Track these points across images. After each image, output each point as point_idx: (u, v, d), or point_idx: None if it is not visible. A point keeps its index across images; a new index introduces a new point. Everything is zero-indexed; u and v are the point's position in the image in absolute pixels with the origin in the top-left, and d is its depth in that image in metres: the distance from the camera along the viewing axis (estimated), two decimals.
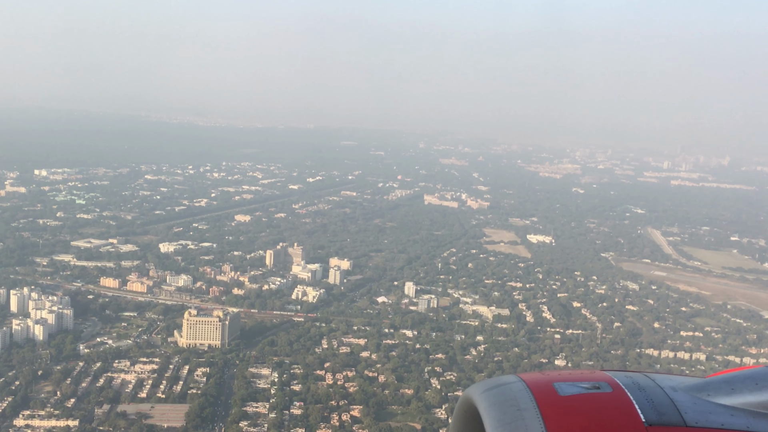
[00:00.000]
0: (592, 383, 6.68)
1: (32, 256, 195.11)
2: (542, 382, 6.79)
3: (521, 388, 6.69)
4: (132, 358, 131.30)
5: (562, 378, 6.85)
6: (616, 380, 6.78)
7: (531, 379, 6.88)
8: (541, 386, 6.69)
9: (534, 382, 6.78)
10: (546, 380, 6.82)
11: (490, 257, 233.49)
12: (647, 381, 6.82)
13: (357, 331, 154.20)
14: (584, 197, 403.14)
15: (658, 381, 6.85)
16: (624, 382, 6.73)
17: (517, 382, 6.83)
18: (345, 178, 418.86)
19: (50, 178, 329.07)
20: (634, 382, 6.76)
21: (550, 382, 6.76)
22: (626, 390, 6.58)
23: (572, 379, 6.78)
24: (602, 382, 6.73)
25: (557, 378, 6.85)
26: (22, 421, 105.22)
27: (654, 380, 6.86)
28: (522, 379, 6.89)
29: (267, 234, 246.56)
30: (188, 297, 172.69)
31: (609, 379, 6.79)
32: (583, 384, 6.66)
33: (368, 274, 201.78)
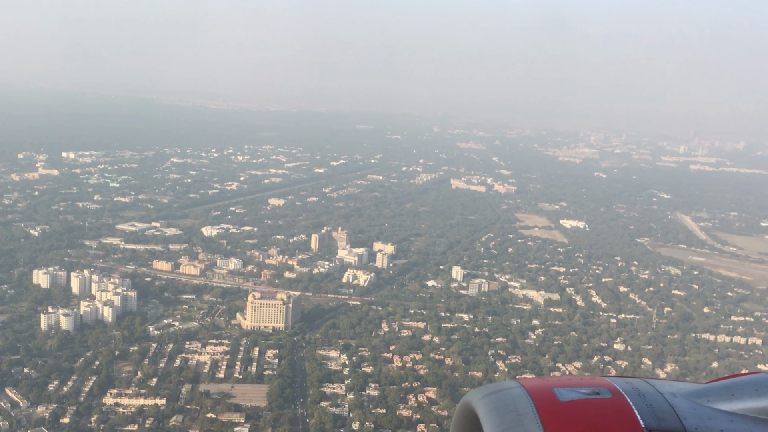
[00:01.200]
0: (592, 389, 6.67)
1: (80, 239, 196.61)
2: (542, 388, 6.77)
3: (521, 393, 6.69)
4: (202, 340, 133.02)
5: (562, 383, 6.83)
6: (616, 386, 6.77)
7: (530, 384, 6.88)
8: (540, 391, 6.67)
9: (533, 388, 6.77)
10: (545, 385, 6.80)
11: (528, 242, 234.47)
12: (647, 387, 6.83)
13: (414, 314, 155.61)
14: (607, 182, 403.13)
15: (658, 387, 6.86)
16: (623, 388, 6.72)
17: (517, 387, 6.83)
18: (368, 161, 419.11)
19: (79, 160, 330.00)
20: (633, 387, 6.76)
21: (550, 387, 6.74)
22: (626, 396, 6.58)
23: (572, 385, 6.77)
24: (602, 387, 6.72)
25: (557, 383, 6.83)
26: (110, 400, 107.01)
27: (653, 386, 6.87)
28: (521, 384, 6.89)
29: (304, 218, 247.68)
30: (241, 280, 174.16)
31: (608, 385, 6.79)
32: (582, 389, 6.65)
33: (413, 258, 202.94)
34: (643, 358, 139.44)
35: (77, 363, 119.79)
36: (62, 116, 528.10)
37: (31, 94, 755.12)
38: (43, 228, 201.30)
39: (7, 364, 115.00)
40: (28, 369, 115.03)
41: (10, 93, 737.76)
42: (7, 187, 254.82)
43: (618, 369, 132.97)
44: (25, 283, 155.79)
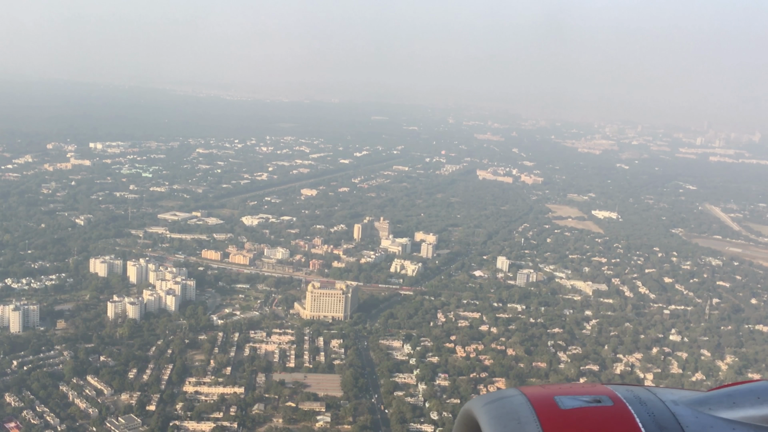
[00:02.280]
0: (594, 397, 6.64)
1: (125, 228, 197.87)
2: (543, 396, 6.74)
3: (522, 401, 6.66)
4: (265, 329, 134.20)
5: (563, 391, 6.79)
6: (617, 394, 6.74)
7: (532, 392, 6.85)
8: (541, 399, 6.65)
9: (535, 396, 6.75)
10: (547, 393, 6.78)
11: (565, 232, 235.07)
12: (648, 395, 6.80)
13: (467, 304, 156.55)
14: (631, 173, 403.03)
15: (660, 395, 6.83)
16: (625, 396, 6.68)
17: (518, 395, 6.80)
18: (390, 152, 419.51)
19: (108, 151, 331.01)
20: (635, 395, 6.72)
21: (551, 395, 6.70)
22: (627, 404, 6.55)
23: (573, 393, 6.73)
24: (603, 395, 6.69)
25: (558, 391, 6.79)
26: (190, 388, 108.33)
27: (655, 394, 6.84)
28: (523, 392, 6.86)
29: (339, 208, 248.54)
30: (290, 269, 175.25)
31: (610, 393, 6.75)
32: (584, 397, 6.62)
33: (455, 248, 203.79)
34: (702, 349, 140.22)
35: (150, 351, 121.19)
36: (82, 107, 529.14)
37: (46, 85, 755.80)
38: (87, 217, 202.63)
39: (84, 352, 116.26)
40: (104, 357, 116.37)
41: (24, 84, 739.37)
42: (45, 177, 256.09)
43: (679, 361, 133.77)
44: (83, 272, 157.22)
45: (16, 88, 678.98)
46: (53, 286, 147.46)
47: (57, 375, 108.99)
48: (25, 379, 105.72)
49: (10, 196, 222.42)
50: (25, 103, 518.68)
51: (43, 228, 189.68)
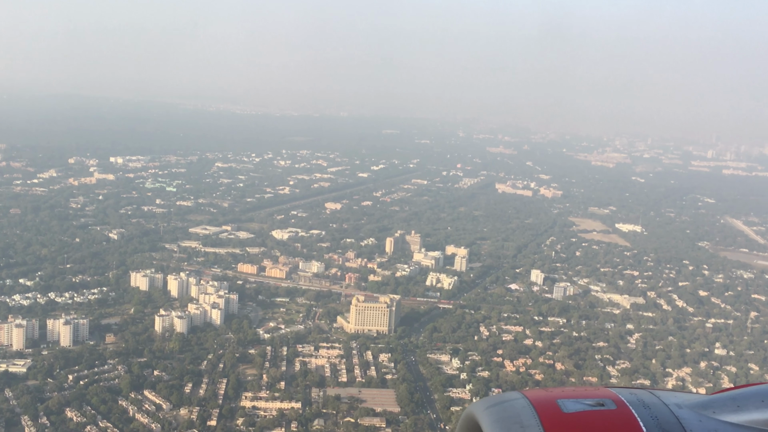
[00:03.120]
0: (596, 400, 6.61)
1: (159, 242, 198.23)
2: (546, 399, 6.69)
3: (524, 404, 6.61)
4: (312, 343, 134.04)
5: (566, 395, 6.75)
6: (621, 397, 6.70)
7: (534, 395, 6.81)
8: (544, 403, 6.60)
9: (537, 399, 6.70)
10: (549, 397, 6.73)
11: (593, 246, 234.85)
12: (652, 398, 6.74)
13: (508, 318, 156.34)
14: (647, 186, 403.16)
15: (663, 398, 6.77)
16: (628, 399, 6.65)
17: (521, 398, 6.75)
18: (406, 166, 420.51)
19: (129, 165, 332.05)
20: (638, 399, 6.67)
21: (554, 398, 6.66)
22: (630, 407, 6.51)
23: (576, 396, 6.69)
24: (606, 399, 6.65)
25: (561, 395, 6.75)
26: (248, 403, 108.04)
27: (659, 397, 6.79)
28: (525, 395, 6.81)
29: (366, 222, 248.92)
30: (327, 283, 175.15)
31: (613, 396, 6.72)
32: (587, 401, 6.57)
33: (487, 261, 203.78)
34: (749, 363, 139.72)
35: (202, 365, 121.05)
36: (96, 121, 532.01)
37: (53, 99, 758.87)
38: (120, 231, 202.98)
39: (137, 366, 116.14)
40: (158, 371, 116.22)
41: (32, 98, 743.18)
42: (72, 192, 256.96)
43: (729, 375, 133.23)
44: (123, 286, 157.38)
45: (25, 102, 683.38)
46: (96, 300, 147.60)
47: (115, 389, 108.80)
48: (84, 394, 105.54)
49: (41, 210, 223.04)
50: (38, 118, 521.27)
51: (77, 242, 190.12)
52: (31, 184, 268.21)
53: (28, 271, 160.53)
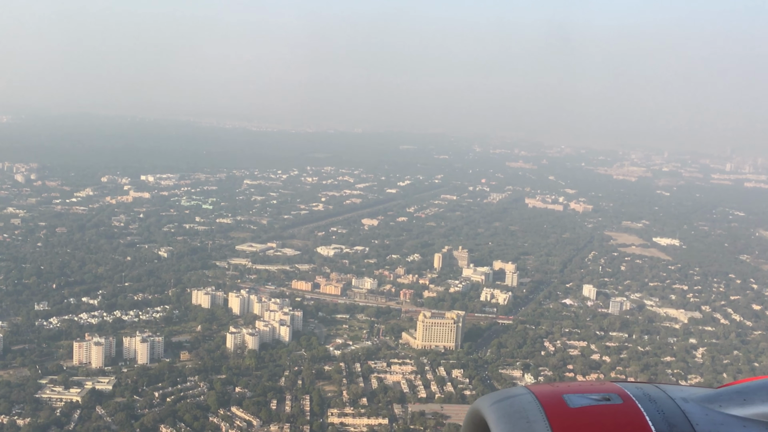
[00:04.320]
0: (603, 395, 6.59)
1: (208, 259, 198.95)
2: (552, 394, 6.69)
3: (530, 400, 6.61)
4: (383, 359, 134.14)
5: (572, 389, 6.75)
6: (627, 392, 6.69)
7: (540, 390, 6.82)
8: (550, 398, 6.60)
9: (543, 394, 6.70)
10: (555, 392, 6.74)
11: (636, 260, 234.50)
12: (658, 392, 6.74)
13: (570, 333, 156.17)
14: (674, 200, 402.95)
15: (669, 392, 6.77)
16: (634, 394, 6.63)
17: (527, 394, 6.75)
18: (432, 182, 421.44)
19: (161, 183, 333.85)
20: (644, 393, 6.67)
21: (560, 393, 6.67)
22: (637, 401, 6.49)
23: (582, 391, 6.69)
24: (612, 393, 6.64)
25: (567, 390, 6.76)
26: (335, 419, 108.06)
27: (665, 391, 6.78)
28: (531, 390, 6.82)
29: (406, 237, 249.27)
30: (383, 299, 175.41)
31: (619, 391, 6.71)
32: (593, 396, 6.56)
33: (536, 276, 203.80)
34: None
35: (280, 382, 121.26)
36: (118, 140, 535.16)
37: (71, 118, 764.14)
38: (168, 249, 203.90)
39: (219, 383, 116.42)
40: (239, 388, 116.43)
41: (49, 118, 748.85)
42: (114, 210, 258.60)
43: None
44: (185, 304, 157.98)
45: (43, 121, 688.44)
46: (162, 318, 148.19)
47: (203, 406, 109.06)
48: (175, 411, 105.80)
49: (86, 229, 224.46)
50: (60, 137, 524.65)
51: (129, 261, 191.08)
52: (70, 203, 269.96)
53: (89, 290, 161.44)
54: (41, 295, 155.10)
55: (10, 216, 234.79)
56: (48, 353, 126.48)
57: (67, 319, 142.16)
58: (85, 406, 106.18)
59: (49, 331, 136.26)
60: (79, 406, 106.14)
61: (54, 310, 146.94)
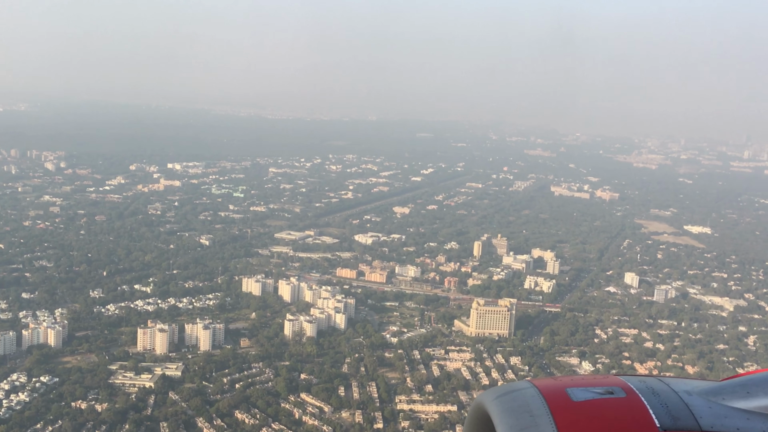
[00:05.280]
0: (606, 388, 6.61)
1: (250, 247, 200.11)
2: (555, 388, 6.70)
3: (534, 394, 6.62)
4: (440, 347, 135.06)
5: (575, 383, 6.77)
6: (630, 385, 6.70)
7: (544, 384, 6.82)
8: (553, 392, 6.61)
9: (547, 388, 6.71)
10: (559, 386, 6.75)
11: (671, 248, 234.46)
12: (661, 385, 6.73)
13: (619, 321, 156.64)
14: (698, 188, 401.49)
15: (673, 385, 6.76)
16: (638, 387, 6.65)
17: (530, 388, 6.76)
18: (454, 170, 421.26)
19: (189, 171, 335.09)
20: (648, 386, 6.66)
21: (563, 387, 6.67)
22: (640, 395, 6.50)
23: (585, 385, 6.70)
24: (616, 387, 6.66)
25: (570, 383, 6.77)
26: (404, 406, 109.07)
27: (668, 384, 6.78)
28: (534, 384, 6.83)
29: (440, 225, 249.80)
30: (428, 287, 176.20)
31: (623, 384, 6.72)
32: (596, 389, 6.58)
33: (575, 264, 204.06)
34: None
35: (342, 368, 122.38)
36: (138, 128, 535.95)
37: (87, 107, 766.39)
38: (209, 237, 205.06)
39: (285, 370, 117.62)
40: (305, 374, 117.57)
41: (66, 106, 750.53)
42: (150, 198, 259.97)
43: None
44: (236, 291, 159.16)
45: (60, 110, 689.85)
46: (216, 305, 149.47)
47: (273, 392, 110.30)
48: (248, 397, 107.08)
49: (125, 217, 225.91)
50: (80, 125, 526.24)
51: (172, 249, 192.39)
52: (103, 191, 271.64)
53: (140, 278, 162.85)
54: (94, 283, 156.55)
55: (48, 204, 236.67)
56: (111, 340, 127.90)
57: (123, 306, 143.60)
58: (158, 391, 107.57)
59: (109, 317, 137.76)
60: (153, 391, 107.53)
61: (109, 297, 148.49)
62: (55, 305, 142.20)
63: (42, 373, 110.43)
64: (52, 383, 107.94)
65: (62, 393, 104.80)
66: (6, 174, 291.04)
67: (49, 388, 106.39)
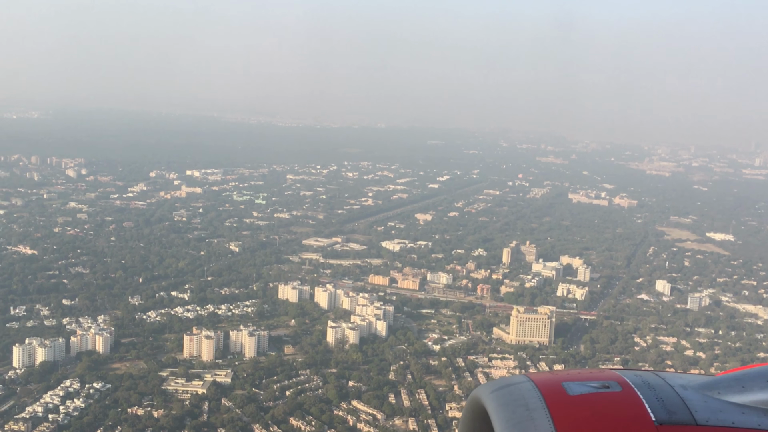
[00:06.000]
0: (602, 382, 6.67)
1: (280, 254, 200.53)
2: (551, 382, 6.75)
3: (530, 388, 6.66)
4: (483, 354, 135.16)
5: (571, 377, 6.82)
6: (626, 379, 6.76)
7: (540, 378, 6.87)
8: (550, 386, 6.67)
9: (543, 382, 6.76)
10: (555, 380, 6.80)
11: (696, 255, 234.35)
12: (657, 380, 6.78)
13: (655, 329, 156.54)
14: (714, 195, 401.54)
15: (668, 380, 6.81)
16: (634, 381, 6.70)
17: (526, 382, 6.81)
18: (470, 177, 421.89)
19: (209, 178, 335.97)
20: (643, 380, 6.72)
21: (559, 381, 6.73)
22: (636, 389, 6.55)
23: (581, 379, 6.76)
24: (612, 381, 6.72)
25: (566, 377, 6.82)
26: (456, 413, 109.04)
27: (664, 379, 6.82)
28: (531, 378, 6.87)
29: (464, 232, 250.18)
30: (462, 294, 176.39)
31: (618, 378, 6.78)
32: (592, 383, 6.64)
33: (604, 272, 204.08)
34: None
35: (388, 376, 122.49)
36: (152, 135, 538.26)
37: (98, 114, 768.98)
38: (238, 244, 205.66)
39: (333, 377, 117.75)
40: (353, 382, 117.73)
41: (77, 113, 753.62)
42: (175, 205, 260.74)
43: None
44: (272, 298, 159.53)
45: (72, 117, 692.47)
46: (254, 312, 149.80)
47: (324, 399, 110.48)
48: (301, 404, 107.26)
49: (152, 224, 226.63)
50: (94, 133, 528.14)
51: (203, 255, 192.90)
52: (126, 197, 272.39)
53: (176, 284, 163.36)
54: (131, 289, 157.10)
55: (75, 211, 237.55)
56: (157, 346, 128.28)
57: (164, 313, 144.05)
58: (211, 398, 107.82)
59: (152, 324, 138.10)
60: (206, 397, 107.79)
61: (149, 303, 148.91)
62: (96, 312, 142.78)
63: (94, 379, 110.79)
64: (105, 389, 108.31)
65: (117, 399, 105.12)
66: (29, 181, 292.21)
67: (102, 395, 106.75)
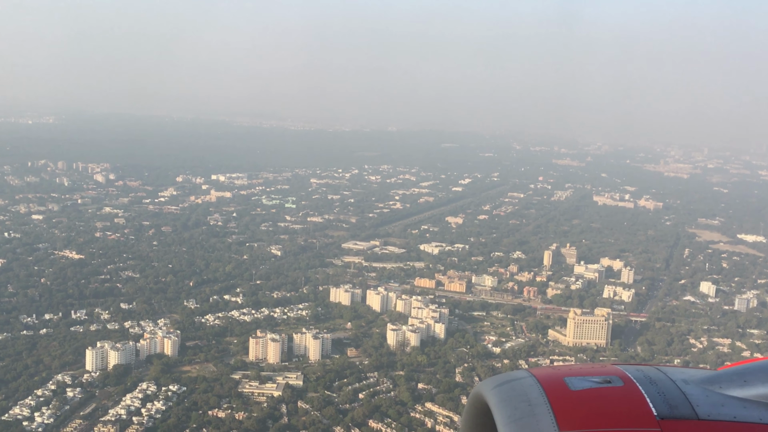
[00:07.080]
0: (603, 377, 6.68)
1: (322, 258, 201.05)
2: (553, 377, 6.77)
3: (532, 383, 6.68)
4: (542, 356, 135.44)
5: (573, 372, 6.83)
6: (628, 374, 6.76)
7: (542, 374, 6.89)
8: (551, 381, 6.68)
9: (545, 377, 6.77)
10: (557, 375, 6.82)
11: (733, 257, 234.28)
12: (659, 374, 6.79)
13: (708, 330, 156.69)
14: (736, 197, 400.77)
15: (670, 374, 6.82)
16: (635, 376, 6.71)
17: (528, 377, 6.82)
18: (491, 180, 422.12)
19: (235, 183, 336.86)
20: (645, 375, 6.73)
21: (561, 376, 6.74)
22: (638, 384, 6.56)
23: (583, 374, 6.76)
24: (613, 376, 6.72)
25: (568, 372, 6.84)
26: None
27: (666, 373, 6.84)
28: (533, 374, 6.88)
29: (498, 235, 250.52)
30: (509, 296, 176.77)
31: (620, 373, 6.79)
32: (594, 378, 6.64)
33: (646, 274, 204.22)
34: None
35: (455, 378, 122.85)
36: (172, 139, 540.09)
37: (112, 118, 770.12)
38: (279, 248, 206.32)
39: (402, 380, 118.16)
40: (422, 384, 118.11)
41: (92, 118, 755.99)
42: (209, 209, 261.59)
43: None
44: (324, 301, 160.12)
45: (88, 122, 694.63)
46: (310, 315, 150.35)
47: (399, 402, 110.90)
48: (378, 406, 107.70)
49: (189, 228, 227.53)
50: (114, 138, 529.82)
51: (247, 259, 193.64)
52: (159, 202, 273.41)
53: (227, 288, 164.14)
54: (185, 293, 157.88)
55: (111, 216, 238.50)
56: (222, 349, 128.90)
57: (222, 317, 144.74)
58: (287, 400, 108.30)
59: (212, 328, 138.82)
60: (282, 400, 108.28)
61: (205, 307, 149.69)
62: (155, 315, 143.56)
63: (169, 382, 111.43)
64: (181, 392, 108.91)
65: (195, 402, 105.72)
66: (60, 186, 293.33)
67: (180, 397, 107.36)
